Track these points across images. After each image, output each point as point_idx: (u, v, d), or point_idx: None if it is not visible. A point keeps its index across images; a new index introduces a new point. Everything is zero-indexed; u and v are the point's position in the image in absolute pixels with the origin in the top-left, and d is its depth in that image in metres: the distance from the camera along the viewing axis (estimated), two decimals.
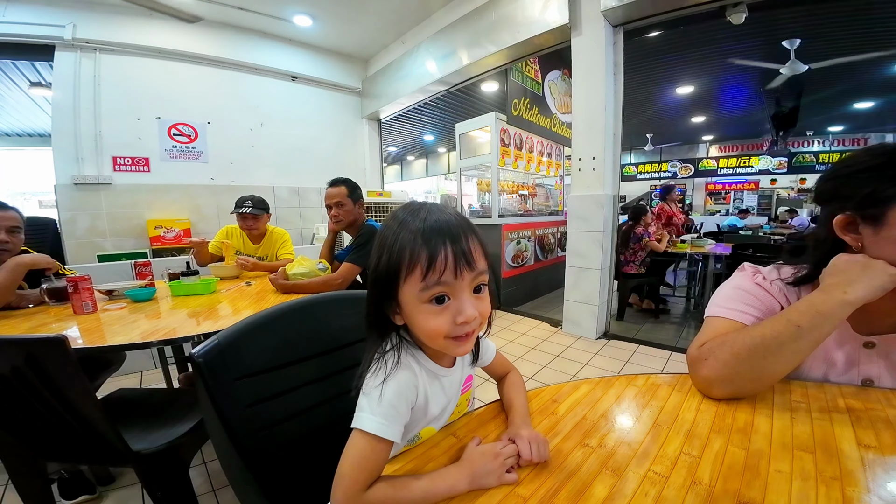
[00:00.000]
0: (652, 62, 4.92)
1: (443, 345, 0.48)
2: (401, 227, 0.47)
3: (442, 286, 0.45)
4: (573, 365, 2.49)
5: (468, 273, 0.46)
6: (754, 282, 0.71)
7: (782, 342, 0.57)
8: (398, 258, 0.45)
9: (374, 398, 0.46)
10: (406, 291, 0.46)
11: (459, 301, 0.46)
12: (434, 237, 0.45)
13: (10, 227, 1.37)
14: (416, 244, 0.45)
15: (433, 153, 11.86)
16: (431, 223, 0.46)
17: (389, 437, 0.44)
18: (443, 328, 0.46)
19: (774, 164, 8.91)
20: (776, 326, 0.58)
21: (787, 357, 0.58)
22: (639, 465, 0.47)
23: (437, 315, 0.46)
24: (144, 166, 3.63)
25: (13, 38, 3.07)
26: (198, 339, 1.06)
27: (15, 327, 1.15)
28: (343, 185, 1.89)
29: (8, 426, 0.94)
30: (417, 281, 0.45)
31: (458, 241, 0.46)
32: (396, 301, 0.48)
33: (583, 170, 2.84)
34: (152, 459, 0.95)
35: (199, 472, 1.50)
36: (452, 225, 0.47)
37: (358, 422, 0.45)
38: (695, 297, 4.03)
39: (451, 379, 0.57)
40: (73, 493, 1.32)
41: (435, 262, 0.44)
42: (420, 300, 0.46)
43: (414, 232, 0.46)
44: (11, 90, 4.70)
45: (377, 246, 0.49)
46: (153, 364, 2.44)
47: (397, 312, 0.49)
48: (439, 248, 0.45)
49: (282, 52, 4.31)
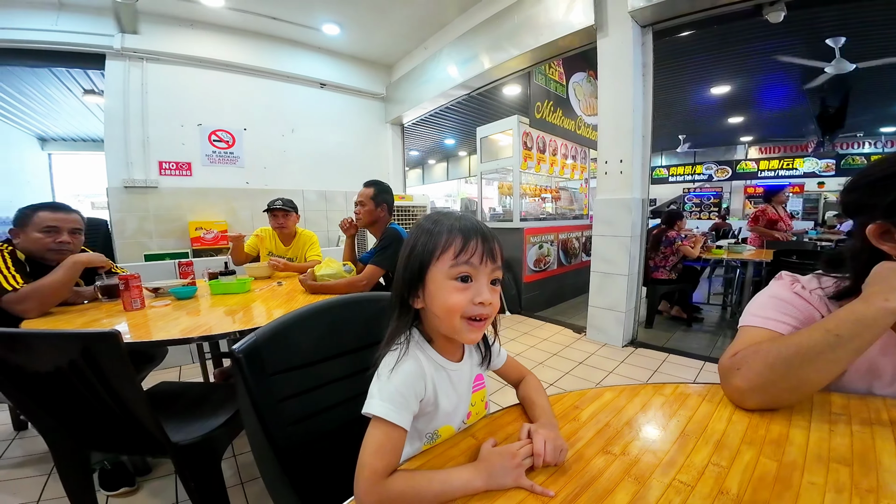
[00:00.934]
0: (684, 62, 4.76)
1: (458, 324, 0.54)
2: (436, 223, 0.56)
3: (469, 266, 0.53)
4: (597, 373, 2.43)
5: (491, 263, 0.54)
6: (792, 291, 0.68)
7: (819, 352, 0.55)
8: (435, 241, 0.54)
9: (383, 384, 0.50)
10: (436, 268, 0.53)
11: (479, 284, 0.54)
12: (468, 230, 0.54)
13: (72, 228, 1.48)
14: (452, 231, 0.54)
15: (454, 157, 11.93)
16: (465, 222, 0.55)
17: (397, 421, 0.47)
18: (462, 304, 0.53)
19: (821, 166, 8.39)
20: (813, 335, 0.56)
21: (824, 367, 0.56)
22: (663, 474, 0.47)
23: (460, 292, 0.53)
24: (187, 171, 3.86)
25: (66, 46, 3.32)
26: (233, 336, 1.12)
27: (71, 322, 1.24)
28: (371, 188, 1.95)
29: (59, 416, 1.01)
30: (449, 258, 0.53)
31: (486, 239, 0.55)
32: (423, 281, 0.54)
33: (609, 173, 2.78)
34: (189, 451, 0.99)
35: (229, 465, 1.55)
36: (483, 226, 0.56)
37: (367, 407, 0.49)
38: (731, 306, 3.84)
39: (460, 374, 0.60)
40: (114, 485, 1.37)
41: (468, 245, 0.53)
42: (448, 276, 0.53)
43: (451, 224, 0.55)
44: (67, 97, 5.09)
45: (413, 235, 0.57)
46: (191, 359, 2.58)
47: (418, 295, 0.55)
48: (472, 237, 0.54)
49: (311, 60, 4.48)
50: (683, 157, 10.44)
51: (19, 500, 1.34)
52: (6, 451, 1.64)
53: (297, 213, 2.38)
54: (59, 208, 1.48)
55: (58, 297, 1.35)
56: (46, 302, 1.30)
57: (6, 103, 5.20)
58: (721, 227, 7.00)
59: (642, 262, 2.90)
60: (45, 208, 1.45)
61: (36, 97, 5.08)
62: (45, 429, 1.05)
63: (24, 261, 1.39)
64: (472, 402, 0.63)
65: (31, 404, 1.00)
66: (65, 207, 1.50)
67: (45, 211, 1.43)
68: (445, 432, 0.58)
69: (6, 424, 1.82)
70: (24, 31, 3.16)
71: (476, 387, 0.64)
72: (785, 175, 9.00)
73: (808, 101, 5.68)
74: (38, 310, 1.27)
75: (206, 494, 1.04)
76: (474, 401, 0.63)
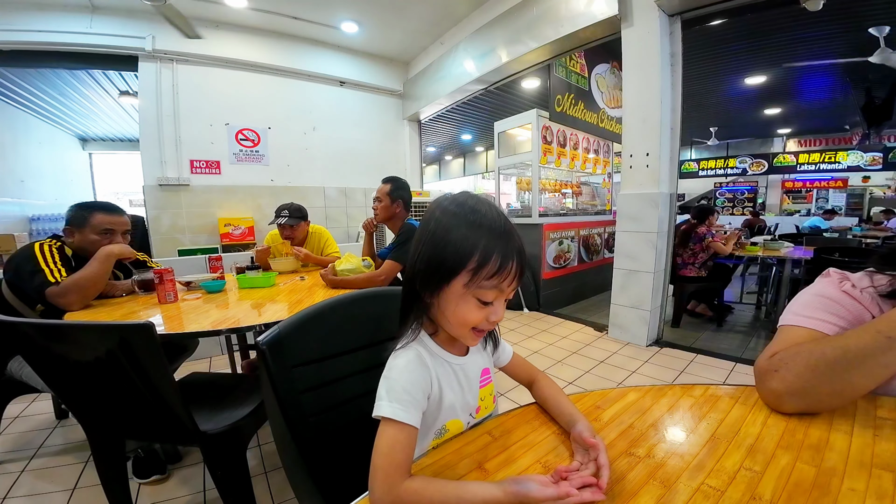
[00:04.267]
0: (716, 51, 4.54)
1: (464, 333, 0.53)
2: (474, 226, 0.50)
3: (497, 291, 0.50)
4: (619, 372, 2.37)
5: (518, 280, 0.52)
6: (841, 289, 0.64)
7: (868, 355, 0.51)
8: (469, 251, 0.48)
9: (390, 384, 0.49)
10: (460, 282, 0.49)
11: (499, 305, 0.52)
12: (506, 249, 0.49)
13: (124, 230, 1.55)
14: (490, 247, 0.49)
15: (471, 152, 11.86)
16: (503, 238, 0.50)
17: (407, 420, 0.46)
18: (477, 321, 0.52)
19: (867, 159, 7.87)
20: (863, 337, 0.52)
21: (873, 372, 0.52)
22: (691, 478, 0.45)
23: (478, 310, 0.51)
24: (216, 169, 4.01)
25: (100, 48, 3.49)
26: (259, 329, 1.16)
27: (110, 314, 1.31)
28: (389, 184, 1.97)
29: (97, 404, 1.06)
30: (481, 279, 0.49)
31: (522, 261, 0.51)
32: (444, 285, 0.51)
33: (635, 167, 2.69)
34: (216, 440, 1.03)
35: (254, 454, 1.61)
36: (519, 241, 0.52)
37: (377, 409, 0.48)
38: (766, 305, 3.65)
39: (465, 368, 0.59)
40: (146, 473, 1.42)
41: (503, 269, 0.49)
42: (472, 294, 0.50)
43: (488, 236, 0.49)
44: (104, 98, 5.37)
45: (431, 232, 0.51)
46: (220, 350, 2.69)
47: (433, 291, 0.52)
48: (509, 260, 0.49)
49: (331, 58, 4.55)
50: (715, 151, 9.98)
51: (56, 488, 1.40)
52: (48, 439, 1.72)
53: (306, 220, 2.32)
54: (114, 210, 1.54)
55: (96, 290, 1.40)
56: (86, 294, 1.37)
57: (49, 105, 5.53)
58: (755, 224, 6.67)
59: (669, 259, 2.80)
60: (100, 209, 1.50)
61: (76, 99, 5.38)
62: (83, 417, 1.10)
63: (72, 257, 1.47)
64: (481, 397, 0.62)
65: (72, 393, 1.05)
66: (118, 209, 1.56)
67: (101, 213, 1.49)
68: (454, 426, 0.58)
69: (49, 413, 1.92)
70: (60, 33, 3.33)
71: (483, 381, 0.63)
72: (827, 169, 8.47)
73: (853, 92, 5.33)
74: (79, 302, 1.34)
75: (231, 482, 1.08)
76: (483, 395, 0.62)
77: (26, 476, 1.47)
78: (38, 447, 1.66)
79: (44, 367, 1.04)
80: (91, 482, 1.40)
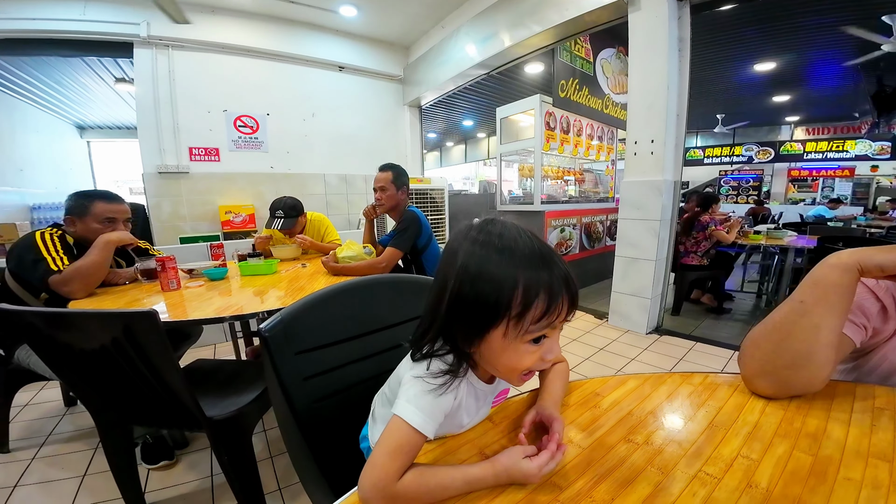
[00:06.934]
0: (725, 37, 4.42)
1: (513, 378, 0.48)
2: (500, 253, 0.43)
3: (549, 328, 0.44)
4: (618, 359, 2.39)
5: (572, 312, 0.45)
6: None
7: (793, 322, 0.56)
8: (509, 289, 0.41)
9: (424, 393, 0.45)
10: (501, 331, 0.43)
11: (552, 340, 0.46)
12: (550, 277, 0.42)
13: (125, 218, 1.55)
14: (532, 280, 0.42)
15: (472, 139, 11.73)
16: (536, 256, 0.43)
17: (423, 430, 0.43)
18: (530, 366, 0.46)
19: (875, 148, 7.75)
20: (783, 308, 0.58)
21: (805, 335, 0.55)
22: (689, 465, 0.45)
23: (531, 354, 0.45)
24: (215, 156, 3.98)
25: (95, 35, 3.42)
26: (262, 316, 1.16)
27: (115, 302, 1.32)
28: (389, 171, 1.95)
29: (104, 391, 1.08)
30: (529, 322, 0.42)
31: (572, 291, 0.44)
32: (485, 334, 0.44)
33: (639, 154, 2.65)
34: (222, 425, 1.04)
35: (259, 439, 1.63)
36: (558, 259, 0.44)
37: (402, 410, 0.44)
38: (767, 294, 3.65)
39: (487, 392, 0.56)
40: (155, 459, 1.44)
41: (553, 306, 0.42)
42: (521, 340, 0.43)
43: (525, 262, 0.42)
44: (100, 85, 5.29)
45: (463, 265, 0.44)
46: (224, 337, 2.72)
47: (474, 342, 0.45)
48: (559, 288, 0.42)
49: (329, 43, 4.45)
50: (721, 138, 9.83)
51: (67, 474, 1.42)
52: (57, 427, 1.75)
53: (302, 214, 2.27)
54: (114, 199, 1.54)
55: (98, 277, 1.41)
56: (89, 282, 1.37)
57: (45, 93, 5.46)
58: (759, 212, 6.62)
59: (671, 247, 2.79)
60: (100, 198, 1.50)
61: (71, 86, 5.30)
62: (91, 404, 1.12)
63: (73, 245, 1.47)
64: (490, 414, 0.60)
65: (79, 380, 1.07)
66: (118, 198, 1.56)
67: (101, 201, 1.49)
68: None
69: (57, 401, 1.95)
70: (54, 21, 3.26)
71: (498, 401, 0.60)
72: (834, 157, 8.35)
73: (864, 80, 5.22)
74: (83, 290, 1.35)
75: (237, 467, 1.10)
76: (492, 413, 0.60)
77: (37, 463, 1.49)
78: (48, 435, 1.69)
79: (50, 356, 1.05)
80: (101, 468, 1.42)
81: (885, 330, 0.62)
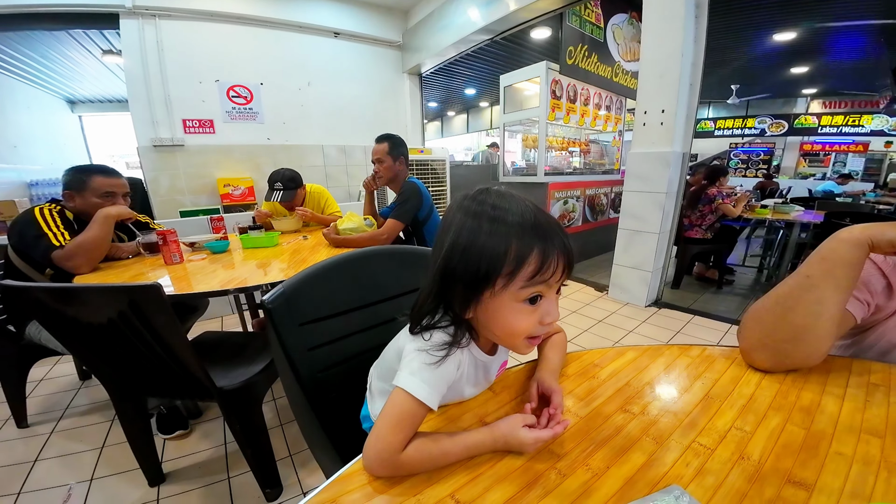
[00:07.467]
0: (745, 3, 4.16)
1: (517, 344, 0.48)
2: (496, 221, 0.43)
3: (543, 285, 0.44)
4: (617, 331, 2.43)
5: (567, 273, 0.45)
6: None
7: (797, 297, 0.56)
8: (499, 255, 0.42)
9: (427, 366, 0.45)
10: (500, 289, 0.44)
11: (549, 301, 0.46)
12: (544, 234, 0.43)
13: (124, 193, 1.54)
14: (524, 240, 0.42)
15: (474, 108, 11.34)
16: (532, 219, 0.44)
17: (427, 401, 0.43)
18: (529, 328, 0.46)
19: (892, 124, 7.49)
20: (789, 282, 0.58)
21: (808, 309, 0.55)
22: (683, 436, 0.47)
23: (528, 315, 0.45)
24: (210, 128, 3.88)
25: (79, 7, 3.26)
26: (266, 288, 1.17)
27: (119, 276, 1.33)
28: (386, 142, 1.91)
29: (115, 364, 1.10)
30: (522, 279, 0.43)
31: (566, 249, 0.44)
32: (480, 297, 0.45)
33: (648, 124, 2.57)
34: (233, 395, 1.08)
35: (269, 409, 1.69)
36: (553, 222, 0.45)
37: (406, 383, 0.44)
38: (768, 269, 3.65)
39: (488, 364, 0.56)
40: (170, 429, 1.48)
41: (547, 263, 0.43)
42: (516, 299, 0.44)
43: (517, 227, 0.43)
44: (87, 58, 5.09)
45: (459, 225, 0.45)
46: (230, 309, 2.77)
47: (469, 307, 0.46)
48: (551, 252, 0.43)
49: (323, 7, 4.21)
50: (734, 110, 9.48)
51: (85, 447, 1.46)
52: (73, 400, 1.78)
53: (301, 186, 2.22)
54: (111, 173, 1.52)
55: (101, 251, 1.41)
56: (92, 257, 1.38)
57: (33, 68, 5.29)
58: (767, 186, 6.49)
59: (676, 220, 2.76)
60: (98, 172, 1.49)
61: (59, 60, 5.11)
62: (104, 377, 1.15)
63: (73, 220, 1.47)
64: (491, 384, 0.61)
65: (89, 354, 1.09)
66: (115, 172, 1.55)
67: (99, 175, 1.48)
68: None
69: (72, 374, 1.99)
70: None
71: (500, 372, 0.61)
72: (849, 132, 8.09)
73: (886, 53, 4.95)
74: (87, 265, 1.36)
75: (249, 435, 1.15)
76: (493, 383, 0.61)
77: (56, 437, 1.53)
78: (65, 408, 1.72)
79: (59, 331, 1.07)
80: (118, 440, 1.46)
81: (887, 307, 0.62)
